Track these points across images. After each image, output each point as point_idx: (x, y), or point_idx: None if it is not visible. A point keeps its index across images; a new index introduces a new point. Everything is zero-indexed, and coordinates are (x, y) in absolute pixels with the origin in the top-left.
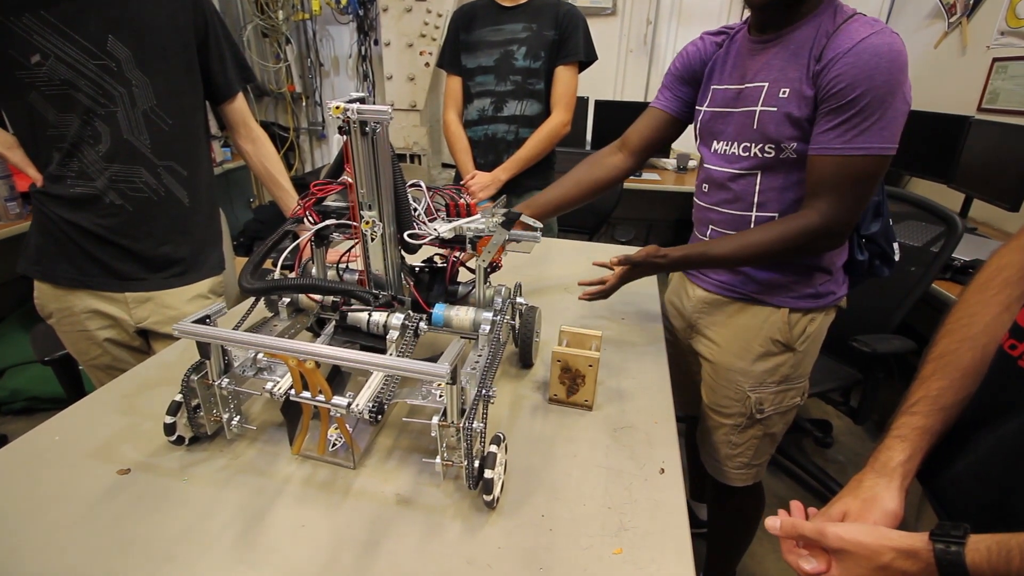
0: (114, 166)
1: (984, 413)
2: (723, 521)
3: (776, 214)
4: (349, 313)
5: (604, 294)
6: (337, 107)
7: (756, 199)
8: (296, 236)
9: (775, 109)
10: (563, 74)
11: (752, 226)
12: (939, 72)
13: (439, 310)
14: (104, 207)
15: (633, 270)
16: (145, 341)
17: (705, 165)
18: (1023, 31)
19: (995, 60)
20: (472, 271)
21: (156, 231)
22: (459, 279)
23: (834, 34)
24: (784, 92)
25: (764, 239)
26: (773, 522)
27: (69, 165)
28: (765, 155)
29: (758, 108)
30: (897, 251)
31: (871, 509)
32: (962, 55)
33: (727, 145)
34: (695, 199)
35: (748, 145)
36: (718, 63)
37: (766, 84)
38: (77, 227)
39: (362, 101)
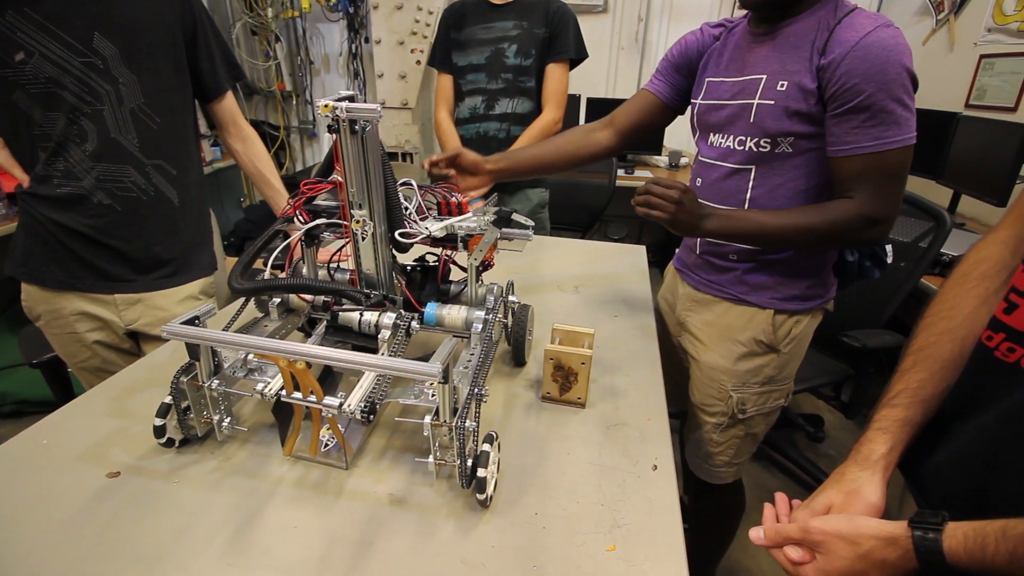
0: (101, 165)
1: (963, 404)
2: (703, 518)
3: None
4: (340, 313)
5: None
6: (326, 105)
7: (748, 195)
8: (287, 235)
9: (772, 102)
10: (554, 71)
11: None
12: (927, 69)
13: (431, 309)
14: (92, 207)
15: (682, 204)
16: (135, 343)
17: (700, 158)
18: (1010, 28)
19: (982, 57)
20: (464, 269)
21: (145, 231)
22: (451, 278)
23: (836, 27)
24: (782, 85)
25: (808, 219)
26: (756, 533)
27: (55, 165)
28: (760, 149)
29: (755, 101)
30: (890, 253)
31: (854, 501)
32: (950, 52)
33: (723, 138)
34: None
35: (743, 139)
36: (713, 55)
37: (764, 76)
38: (65, 228)
39: (351, 99)
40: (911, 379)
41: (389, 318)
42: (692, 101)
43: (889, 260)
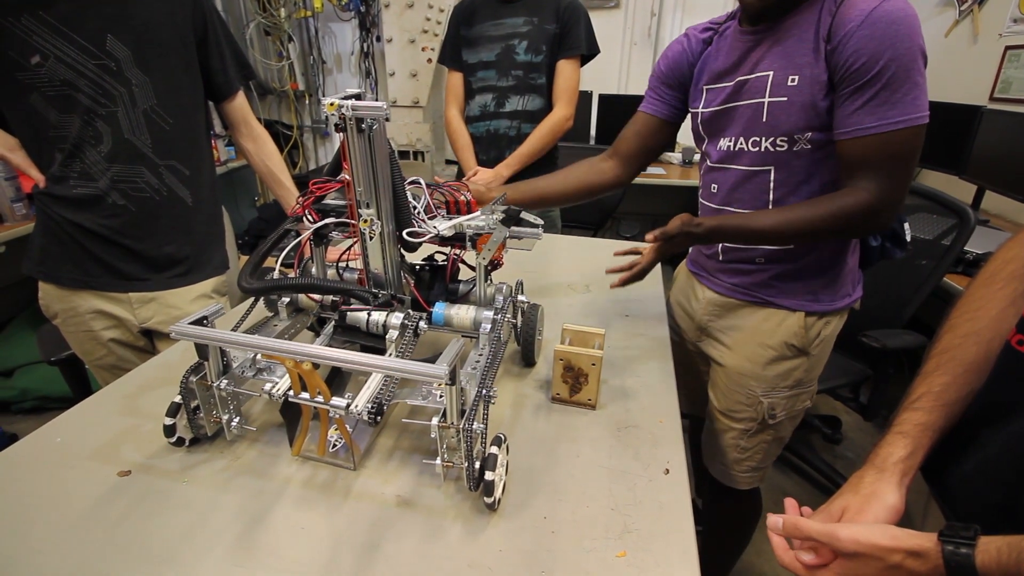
0: (116, 166)
1: (992, 411)
2: (718, 522)
3: None
4: (348, 313)
5: (638, 275)
6: (332, 104)
7: (772, 196)
8: (297, 235)
9: (785, 99)
10: (565, 68)
11: None
12: (950, 61)
13: (439, 309)
14: (107, 207)
15: (667, 244)
16: (150, 341)
17: (710, 164)
18: None
19: (1007, 48)
20: (473, 268)
21: (159, 231)
22: (460, 277)
23: (839, 10)
24: (793, 80)
25: (811, 215)
26: (775, 521)
27: (71, 166)
28: (777, 148)
29: (766, 99)
30: (908, 231)
31: (871, 505)
32: (973, 44)
33: (733, 142)
34: (701, 200)
35: (757, 140)
36: (708, 61)
37: (771, 73)
38: (80, 228)
39: (358, 97)
40: (934, 382)
41: (397, 318)
42: (692, 110)
43: (908, 238)
